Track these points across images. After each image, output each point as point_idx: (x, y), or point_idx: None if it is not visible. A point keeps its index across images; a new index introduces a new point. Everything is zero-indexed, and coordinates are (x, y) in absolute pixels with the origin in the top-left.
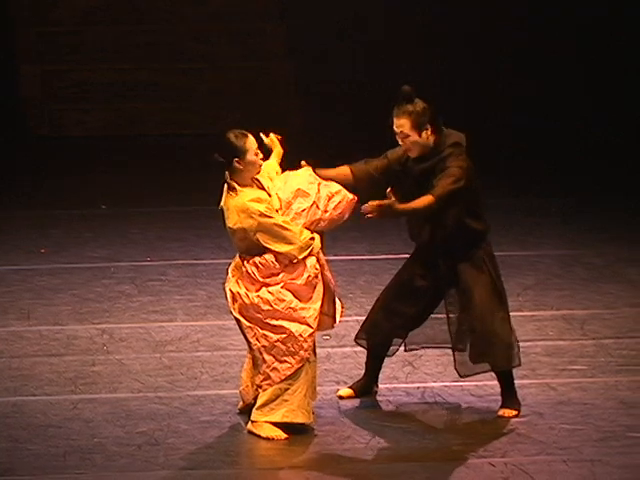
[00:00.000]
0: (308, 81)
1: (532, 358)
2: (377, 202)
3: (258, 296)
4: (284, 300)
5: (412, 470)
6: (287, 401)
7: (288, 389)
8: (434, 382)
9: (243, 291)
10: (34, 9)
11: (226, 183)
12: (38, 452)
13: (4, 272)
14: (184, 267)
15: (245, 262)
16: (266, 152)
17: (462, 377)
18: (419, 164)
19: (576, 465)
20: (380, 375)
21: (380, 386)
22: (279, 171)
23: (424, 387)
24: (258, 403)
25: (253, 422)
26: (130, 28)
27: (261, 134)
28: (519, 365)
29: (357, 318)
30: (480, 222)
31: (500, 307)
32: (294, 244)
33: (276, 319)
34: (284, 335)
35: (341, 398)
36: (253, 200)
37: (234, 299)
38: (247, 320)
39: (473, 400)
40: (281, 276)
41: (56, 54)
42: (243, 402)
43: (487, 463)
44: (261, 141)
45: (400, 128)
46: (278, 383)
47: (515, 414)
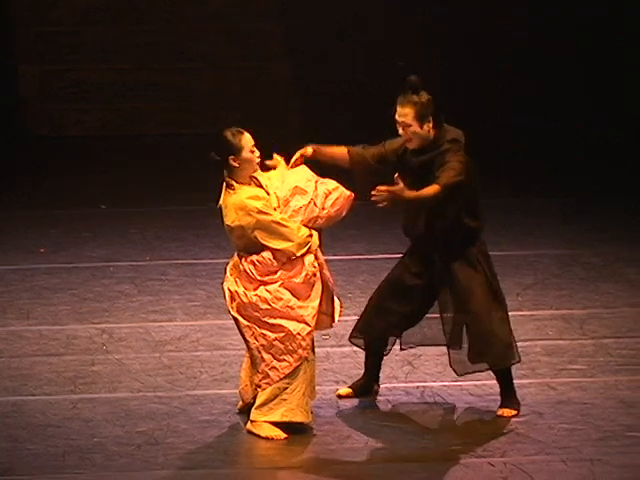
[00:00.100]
0: (308, 81)
1: (531, 358)
2: (386, 187)
3: (256, 295)
4: (282, 299)
5: (411, 470)
6: (286, 400)
7: (287, 388)
8: (433, 382)
9: (241, 290)
10: (34, 9)
11: (224, 181)
12: (37, 452)
13: (3, 272)
14: (183, 267)
15: (243, 260)
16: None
17: (459, 375)
18: (417, 157)
19: (575, 465)
20: (380, 375)
21: (377, 395)
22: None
23: (423, 387)
24: (257, 403)
25: (252, 422)
26: (130, 28)
27: (265, 161)
28: (519, 361)
29: (356, 317)
30: (476, 220)
31: (497, 306)
32: (292, 241)
33: (274, 318)
34: (282, 334)
35: (340, 397)
36: (251, 197)
37: (232, 298)
38: (245, 319)
39: (472, 400)
40: (279, 274)
41: (56, 54)
42: (242, 401)
43: (486, 463)
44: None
45: (403, 117)
46: (277, 382)
47: (515, 414)
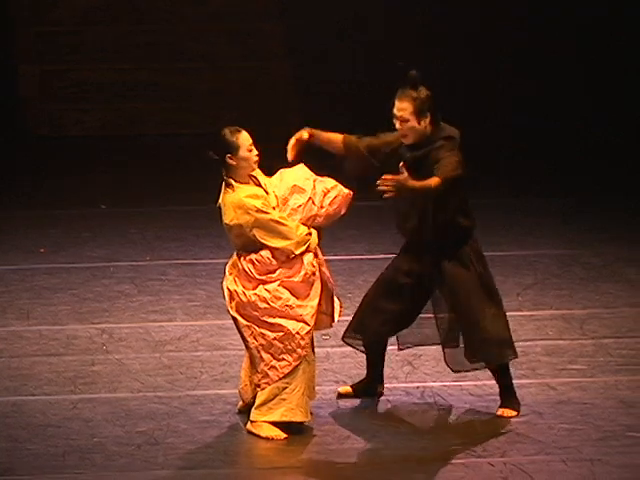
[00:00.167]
0: (308, 81)
1: (532, 358)
2: (392, 176)
3: (255, 294)
4: (281, 298)
5: (411, 470)
6: (285, 400)
7: (286, 388)
8: (433, 382)
9: (240, 289)
10: (34, 9)
11: (223, 180)
12: (37, 452)
13: (3, 272)
14: (183, 267)
15: (242, 259)
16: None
17: (454, 372)
18: (411, 151)
19: (575, 465)
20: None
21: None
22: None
23: (423, 387)
24: (257, 402)
25: (252, 422)
26: (130, 28)
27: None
28: (515, 357)
29: None
30: (468, 218)
31: (490, 303)
32: (291, 239)
33: (273, 317)
34: (281, 333)
35: (339, 396)
36: (249, 196)
37: (231, 297)
38: (244, 319)
39: (472, 400)
40: (278, 273)
41: (56, 54)
42: (242, 401)
43: (486, 463)
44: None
45: (401, 112)
46: (276, 381)
47: (515, 414)
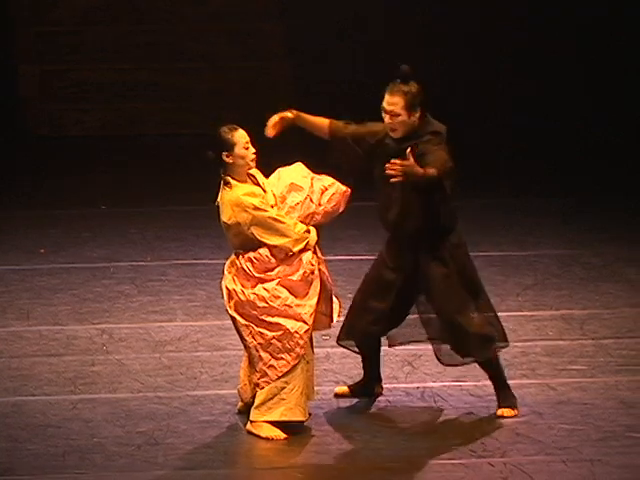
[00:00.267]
0: (308, 81)
1: (532, 358)
2: (400, 161)
3: (254, 293)
4: (280, 297)
5: (411, 470)
6: (284, 400)
7: (285, 387)
8: (433, 382)
9: (239, 288)
10: (34, 9)
11: (221, 179)
12: (37, 452)
13: (3, 272)
14: (183, 267)
15: (240, 257)
16: None
17: (445, 366)
18: (398, 144)
19: (575, 465)
20: (381, 376)
21: (380, 395)
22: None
23: (423, 387)
24: (256, 402)
25: (252, 422)
26: (130, 28)
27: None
28: (506, 345)
29: None
30: (449, 214)
31: (471, 299)
32: (289, 237)
33: (272, 316)
34: (280, 332)
35: (337, 396)
36: (247, 194)
37: (230, 296)
38: (243, 318)
39: (472, 400)
40: (276, 272)
41: (56, 54)
42: (242, 401)
43: (486, 463)
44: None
45: (392, 106)
46: (275, 380)
47: (515, 413)
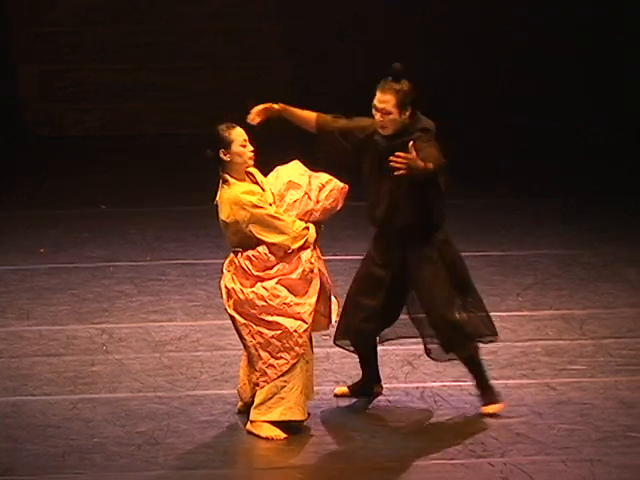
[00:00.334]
0: (308, 81)
1: (531, 358)
2: (404, 155)
3: (253, 292)
4: (279, 296)
5: (411, 470)
6: (284, 399)
7: (284, 387)
8: (433, 382)
9: (238, 287)
10: (33, 9)
11: (220, 177)
12: (37, 452)
13: (3, 272)
14: (183, 267)
15: (238, 256)
16: None
17: (435, 360)
18: (387, 141)
19: (575, 465)
20: (380, 375)
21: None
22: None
23: (423, 387)
24: (256, 402)
25: (252, 422)
26: (130, 28)
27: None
28: (494, 339)
29: None
30: (440, 213)
31: (458, 296)
32: (287, 234)
33: (271, 315)
34: (279, 331)
35: (336, 396)
36: (245, 192)
37: (229, 295)
38: (242, 317)
39: (472, 400)
40: (275, 270)
41: (55, 54)
42: (241, 401)
43: (486, 463)
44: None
45: (384, 104)
46: (274, 380)
47: (500, 408)
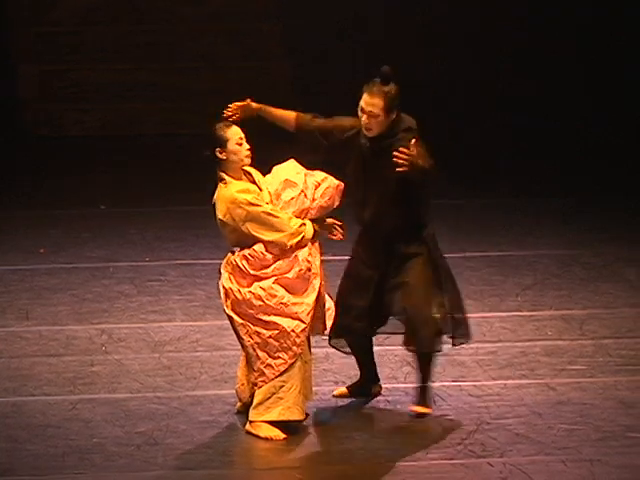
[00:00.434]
0: (308, 81)
1: (531, 358)
2: (408, 151)
3: (250, 292)
4: (276, 295)
5: (410, 470)
6: (282, 399)
7: (283, 386)
8: (432, 382)
9: (235, 287)
10: (33, 9)
11: (218, 176)
12: (37, 452)
13: (3, 272)
14: (183, 267)
15: (235, 256)
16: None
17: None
18: (372, 142)
19: (575, 465)
20: (378, 374)
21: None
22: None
23: None
24: (254, 402)
25: (251, 422)
26: (130, 28)
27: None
28: (466, 341)
29: None
30: (427, 212)
31: (439, 294)
32: (283, 231)
33: (268, 315)
34: (276, 331)
35: (335, 397)
36: (241, 191)
37: (227, 295)
38: (240, 317)
39: (471, 400)
40: (272, 269)
41: (55, 54)
42: (240, 401)
43: (486, 463)
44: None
45: (371, 107)
46: (272, 379)
47: (429, 412)
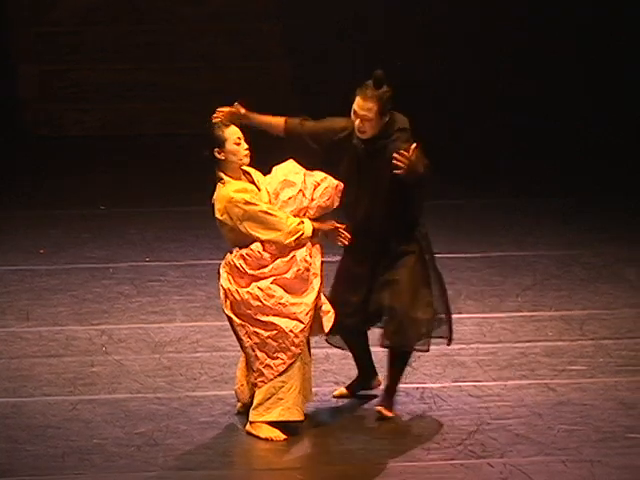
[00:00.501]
0: (308, 81)
1: (531, 359)
2: (407, 155)
3: (248, 292)
4: (274, 296)
5: (410, 471)
6: (282, 399)
7: (282, 387)
8: (433, 383)
9: (234, 287)
10: (33, 9)
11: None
12: (37, 453)
13: (3, 272)
14: (183, 268)
15: (232, 255)
16: None
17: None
18: (365, 144)
19: (575, 466)
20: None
21: (379, 387)
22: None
23: (423, 388)
24: (254, 403)
25: (251, 423)
26: (130, 28)
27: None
28: (445, 342)
29: None
30: (419, 212)
31: (426, 294)
32: (281, 230)
33: (266, 315)
34: (274, 332)
35: (335, 398)
36: (238, 190)
37: (226, 296)
38: (238, 318)
39: (471, 401)
40: (270, 269)
41: (55, 54)
42: (240, 401)
43: (486, 463)
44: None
45: (365, 112)
46: (272, 380)
47: (391, 415)
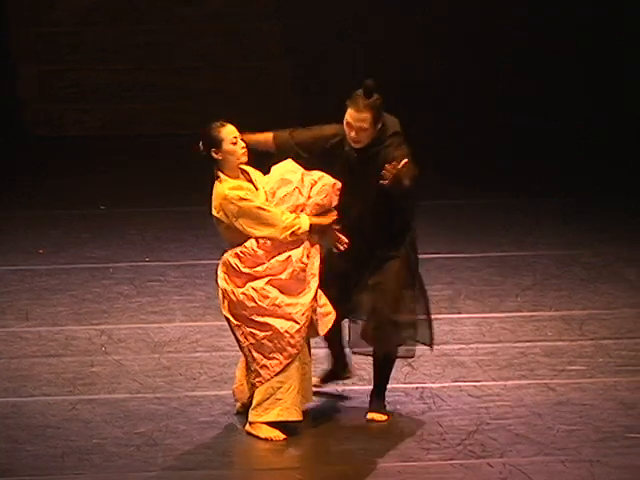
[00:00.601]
0: (308, 81)
1: (531, 359)
2: (395, 166)
3: (243, 293)
4: (268, 297)
5: (410, 471)
6: (280, 399)
7: (281, 387)
8: (432, 383)
9: (230, 288)
10: (33, 9)
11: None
12: (37, 453)
13: (2, 272)
14: (183, 268)
15: (228, 255)
16: None
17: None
18: (359, 152)
19: (575, 466)
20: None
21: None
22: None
23: (422, 388)
24: (253, 404)
25: (251, 423)
26: (130, 28)
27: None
28: (429, 347)
29: None
30: (410, 216)
31: (409, 297)
32: (276, 225)
33: (262, 316)
34: (270, 332)
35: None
36: (233, 188)
37: (224, 297)
38: (235, 318)
39: (471, 401)
40: (265, 268)
41: (55, 54)
42: (238, 401)
43: (485, 463)
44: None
45: (361, 122)
46: (269, 380)
47: (386, 418)
